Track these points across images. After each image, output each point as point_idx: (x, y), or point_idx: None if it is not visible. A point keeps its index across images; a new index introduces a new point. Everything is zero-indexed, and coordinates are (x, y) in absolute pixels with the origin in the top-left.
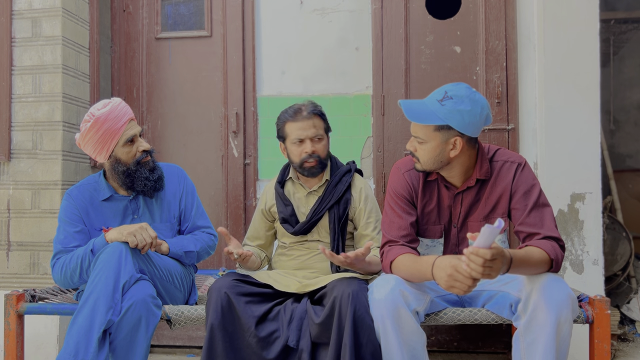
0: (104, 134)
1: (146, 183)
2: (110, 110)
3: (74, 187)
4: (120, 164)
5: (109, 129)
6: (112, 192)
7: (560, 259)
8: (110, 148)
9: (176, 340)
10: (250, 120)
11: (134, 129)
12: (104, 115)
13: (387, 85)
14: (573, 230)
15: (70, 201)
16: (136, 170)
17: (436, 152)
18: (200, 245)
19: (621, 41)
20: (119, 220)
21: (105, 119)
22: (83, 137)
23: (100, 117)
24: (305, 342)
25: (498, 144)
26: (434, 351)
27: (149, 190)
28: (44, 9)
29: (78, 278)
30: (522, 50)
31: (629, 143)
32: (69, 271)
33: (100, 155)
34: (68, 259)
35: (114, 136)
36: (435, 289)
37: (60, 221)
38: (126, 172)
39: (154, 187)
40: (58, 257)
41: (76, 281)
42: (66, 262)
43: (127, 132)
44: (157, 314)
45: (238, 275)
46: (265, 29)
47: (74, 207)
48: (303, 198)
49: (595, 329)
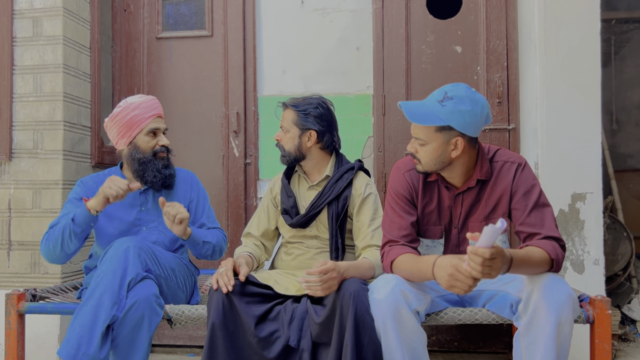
0: (131, 119)
1: (156, 174)
2: (143, 100)
3: (89, 175)
4: (138, 151)
5: (137, 116)
6: None
7: (561, 259)
8: (133, 134)
9: (177, 339)
10: (251, 120)
11: (160, 124)
12: (137, 103)
13: (388, 85)
14: (574, 230)
15: (81, 187)
16: (150, 160)
17: (437, 152)
18: (216, 239)
19: (622, 41)
20: (126, 210)
21: (137, 106)
22: (112, 119)
23: (132, 104)
24: (306, 342)
25: (499, 144)
26: (434, 351)
27: (157, 182)
28: (45, 9)
29: (60, 249)
30: (523, 50)
31: (630, 143)
32: (52, 241)
33: (122, 139)
34: (54, 230)
35: (140, 124)
36: (436, 288)
37: (66, 202)
38: (141, 159)
39: (164, 182)
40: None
41: (58, 253)
42: (51, 233)
43: (152, 124)
44: (159, 313)
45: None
46: (266, 28)
47: (83, 192)
48: (305, 192)
49: (596, 329)
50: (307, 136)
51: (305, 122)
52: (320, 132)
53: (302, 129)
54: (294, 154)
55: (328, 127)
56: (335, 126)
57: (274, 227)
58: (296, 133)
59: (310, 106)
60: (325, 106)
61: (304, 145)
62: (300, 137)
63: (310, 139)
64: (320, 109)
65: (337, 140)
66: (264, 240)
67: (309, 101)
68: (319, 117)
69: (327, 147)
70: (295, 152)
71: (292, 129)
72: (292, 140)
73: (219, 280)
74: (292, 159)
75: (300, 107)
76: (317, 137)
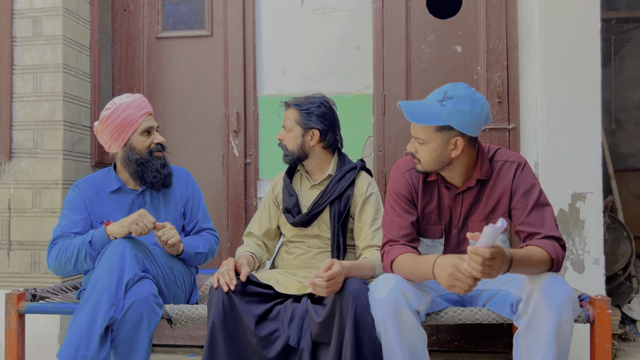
0: (123, 121)
1: (156, 175)
2: (132, 100)
3: (83, 179)
4: (134, 152)
5: (128, 117)
6: (120, 184)
7: (561, 259)
8: (126, 136)
9: (177, 339)
10: (251, 120)
11: (152, 122)
12: (126, 104)
13: (388, 85)
14: (574, 229)
15: (77, 191)
16: (148, 160)
17: (437, 152)
18: (208, 246)
19: (622, 40)
20: (124, 212)
21: (127, 107)
22: (102, 123)
23: (122, 105)
24: (306, 342)
25: (499, 144)
26: (434, 350)
27: (158, 182)
28: (45, 8)
29: (72, 267)
30: (523, 50)
31: (630, 142)
32: (64, 259)
33: (115, 143)
34: (65, 246)
35: (132, 125)
36: (436, 288)
37: (64, 209)
38: (139, 160)
39: (164, 181)
40: (56, 242)
41: (70, 270)
42: (63, 249)
43: (145, 123)
44: (158, 313)
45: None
46: (266, 28)
47: (80, 197)
48: (307, 191)
49: (596, 329)
50: (310, 135)
51: (308, 121)
52: (323, 131)
53: (304, 128)
54: (297, 153)
55: (331, 126)
56: (338, 125)
57: (275, 226)
58: (299, 132)
59: (312, 105)
60: (327, 105)
61: (307, 145)
62: (303, 137)
63: (313, 138)
64: (322, 108)
65: (340, 139)
66: (266, 240)
67: (311, 100)
68: (322, 116)
69: (329, 146)
70: (298, 151)
71: (295, 129)
72: (295, 139)
73: (219, 280)
74: (295, 159)
75: (303, 107)
76: (320, 136)
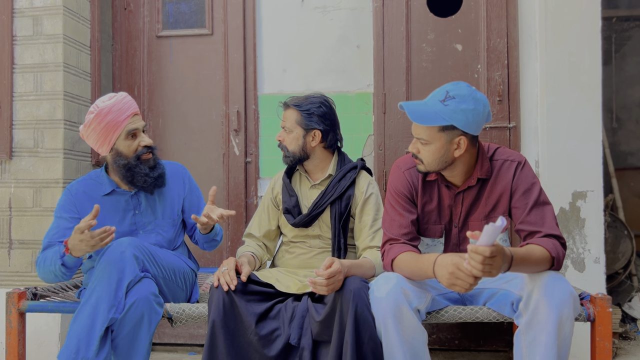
0: (107, 125)
1: (146, 179)
2: (115, 102)
3: (75, 181)
4: (121, 157)
5: (111, 121)
6: (113, 186)
7: (562, 257)
8: (112, 140)
9: (177, 338)
10: (251, 119)
11: (137, 123)
12: (108, 107)
13: (389, 83)
14: (574, 228)
15: (69, 197)
16: (136, 165)
17: (441, 152)
18: (220, 235)
19: (623, 39)
20: (119, 215)
21: (109, 111)
22: (86, 128)
23: (104, 109)
24: (307, 340)
25: (499, 142)
26: (435, 349)
27: (149, 186)
28: (45, 7)
29: (55, 279)
30: (523, 48)
31: (631, 141)
32: (46, 273)
33: (102, 147)
34: (46, 260)
35: (116, 128)
36: (437, 287)
37: (55, 216)
38: (126, 165)
39: (155, 184)
40: (45, 251)
41: (54, 281)
42: (45, 265)
43: (130, 125)
44: (159, 312)
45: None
46: (266, 27)
47: (71, 203)
48: (307, 191)
49: (597, 327)
50: (311, 136)
51: (309, 122)
52: (324, 131)
53: (306, 129)
54: (298, 154)
55: (331, 125)
56: (338, 124)
57: (275, 227)
58: (300, 133)
59: (313, 105)
60: (328, 105)
61: (309, 145)
62: (305, 137)
63: (314, 138)
64: (323, 108)
65: (340, 138)
66: (266, 241)
67: (311, 100)
68: (323, 116)
69: (330, 146)
70: (300, 152)
71: (296, 129)
72: (296, 140)
73: (220, 279)
74: (296, 160)
75: (303, 107)
76: (322, 136)
